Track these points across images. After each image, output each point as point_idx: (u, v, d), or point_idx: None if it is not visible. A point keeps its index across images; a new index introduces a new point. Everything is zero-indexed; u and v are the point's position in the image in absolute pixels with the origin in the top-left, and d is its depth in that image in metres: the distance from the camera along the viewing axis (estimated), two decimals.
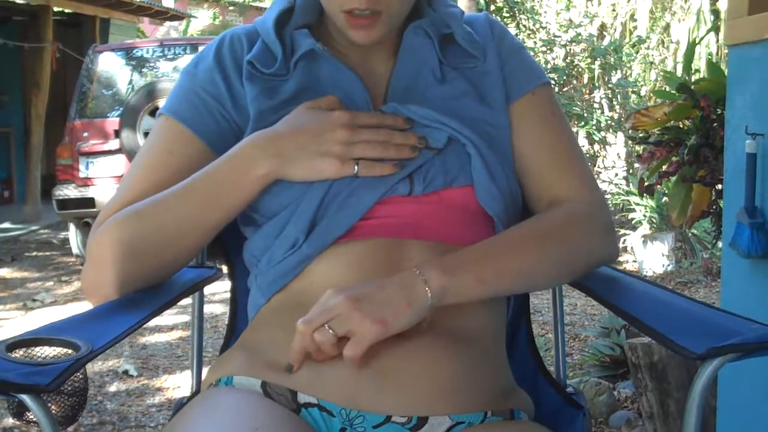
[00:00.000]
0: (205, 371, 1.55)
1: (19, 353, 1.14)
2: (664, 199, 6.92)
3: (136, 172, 1.38)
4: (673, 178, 3.52)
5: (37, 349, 1.19)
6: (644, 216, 7.70)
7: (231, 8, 20.36)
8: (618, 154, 11.11)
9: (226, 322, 1.62)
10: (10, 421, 3.82)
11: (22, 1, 10.84)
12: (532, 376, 1.51)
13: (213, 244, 1.44)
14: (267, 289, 1.32)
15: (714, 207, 3.46)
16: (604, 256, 1.38)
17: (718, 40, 10.53)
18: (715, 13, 10.96)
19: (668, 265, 6.71)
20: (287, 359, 1.19)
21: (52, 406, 3.30)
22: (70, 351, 1.15)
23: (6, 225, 10.72)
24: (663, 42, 12.61)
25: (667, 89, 3.67)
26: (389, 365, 1.16)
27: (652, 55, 12.41)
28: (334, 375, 1.16)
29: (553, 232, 1.31)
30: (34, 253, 9.06)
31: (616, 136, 11.05)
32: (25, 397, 1.06)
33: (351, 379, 1.15)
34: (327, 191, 1.28)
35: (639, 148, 6.77)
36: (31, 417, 3.45)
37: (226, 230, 1.37)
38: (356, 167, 1.28)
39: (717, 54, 10.46)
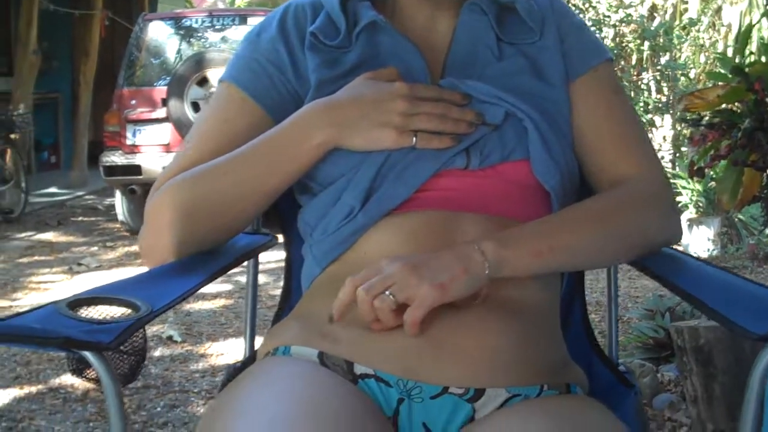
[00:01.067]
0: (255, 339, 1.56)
1: (80, 312, 1.16)
2: (711, 183, 6.85)
3: (196, 138, 1.39)
4: (724, 162, 3.49)
5: (98, 308, 1.21)
6: (690, 200, 7.64)
7: None
8: (664, 136, 11.01)
9: (270, 292, 1.62)
10: (57, 381, 3.89)
11: None
12: (584, 353, 1.50)
13: (269, 212, 1.45)
14: (322, 258, 1.33)
15: (764, 192, 3.43)
16: (666, 236, 1.37)
17: None
18: None
19: (713, 250, 6.65)
20: (342, 330, 1.20)
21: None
22: (129, 311, 1.17)
23: (52, 190, 10.84)
24: (714, 25, 12.45)
25: (721, 71, 3.63)
26: (447, 337, 1.16)
27: (703, 38, 12.26)
28: (390, 346, 1.16)
29: (614, 210, 1.30)
30: (80, 218, 9.17)
31: (662, 119, 10.95)
32: (88, 354, 1.08)
33: (408, 350, 1.15)
34: (384, 161, 1.28)
35: (687, 131, 6.70)
36: (91, 375, 3.52)
37: (283, 199, 1.38)
38: (414, 139, 1.28)
39: None
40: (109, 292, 1.22)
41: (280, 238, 1.60)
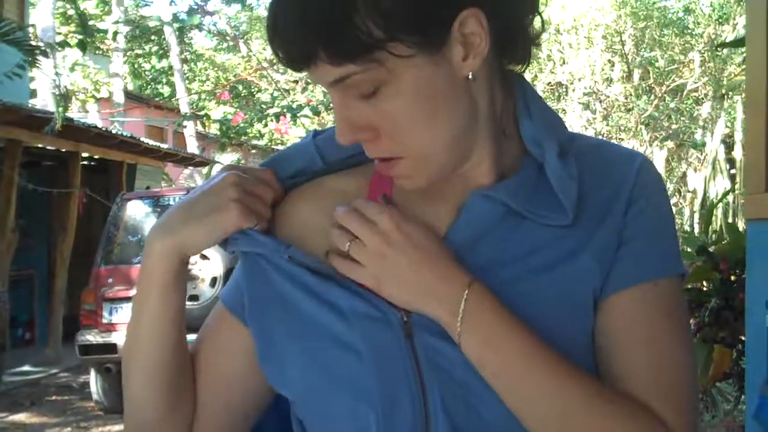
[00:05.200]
0: None
1: None
2: None
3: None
4: (694, 339, 3.56)
5: None
6: None
7: (253, 151, 20.76)
8: None
9: None
10: None
11: (52, 148, 11.12)
12: None
13: None
14: None
15: (735, 368, 3.48)
16: None
17: (734, 190, 10.62)
18: (731, 162, 11.09)
19: None
20: None
21: None
22: None
23: (26, 368, 10.72)
24: (680, 191, 12.75)
25: (687, 250, 3.75)
26: None
27: None
28: None
29: (604, 401, 1.04)
30: (54, 397, 9.05)
31: None
32: None
33: None
34: None
35: None
36: None
37: None
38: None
39: (733, 202, 10.53)
40: None
41: None
